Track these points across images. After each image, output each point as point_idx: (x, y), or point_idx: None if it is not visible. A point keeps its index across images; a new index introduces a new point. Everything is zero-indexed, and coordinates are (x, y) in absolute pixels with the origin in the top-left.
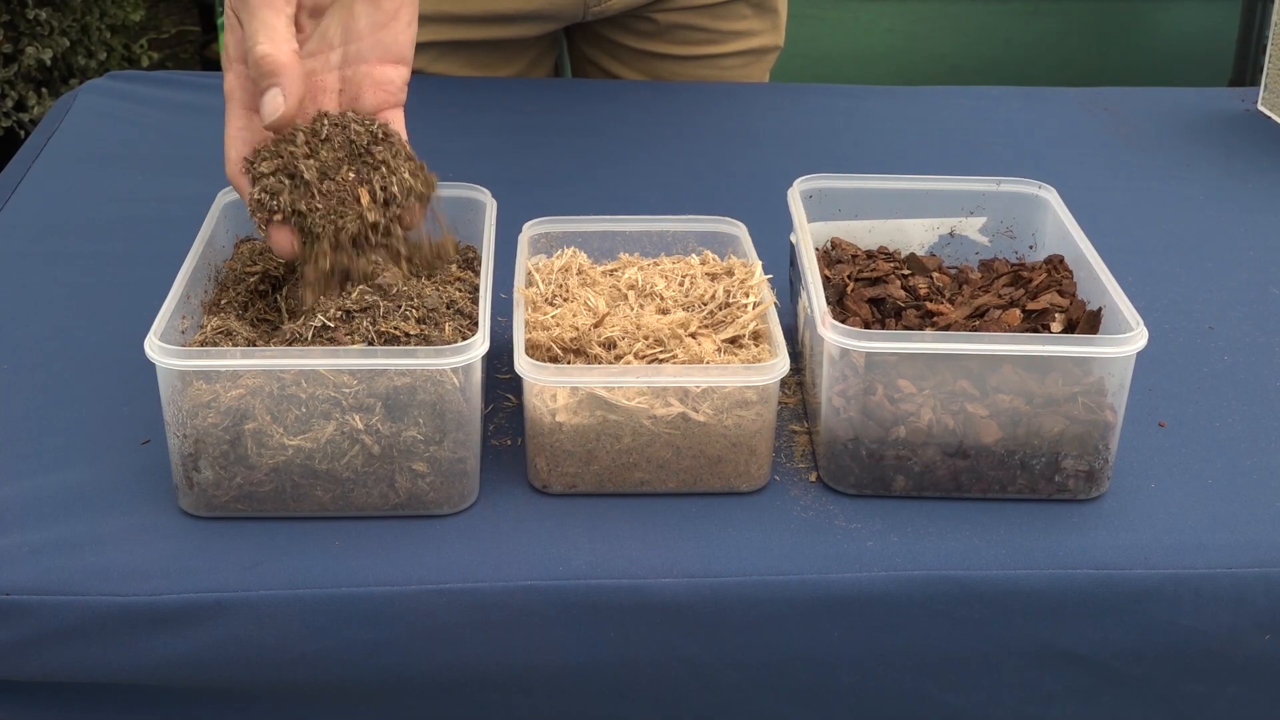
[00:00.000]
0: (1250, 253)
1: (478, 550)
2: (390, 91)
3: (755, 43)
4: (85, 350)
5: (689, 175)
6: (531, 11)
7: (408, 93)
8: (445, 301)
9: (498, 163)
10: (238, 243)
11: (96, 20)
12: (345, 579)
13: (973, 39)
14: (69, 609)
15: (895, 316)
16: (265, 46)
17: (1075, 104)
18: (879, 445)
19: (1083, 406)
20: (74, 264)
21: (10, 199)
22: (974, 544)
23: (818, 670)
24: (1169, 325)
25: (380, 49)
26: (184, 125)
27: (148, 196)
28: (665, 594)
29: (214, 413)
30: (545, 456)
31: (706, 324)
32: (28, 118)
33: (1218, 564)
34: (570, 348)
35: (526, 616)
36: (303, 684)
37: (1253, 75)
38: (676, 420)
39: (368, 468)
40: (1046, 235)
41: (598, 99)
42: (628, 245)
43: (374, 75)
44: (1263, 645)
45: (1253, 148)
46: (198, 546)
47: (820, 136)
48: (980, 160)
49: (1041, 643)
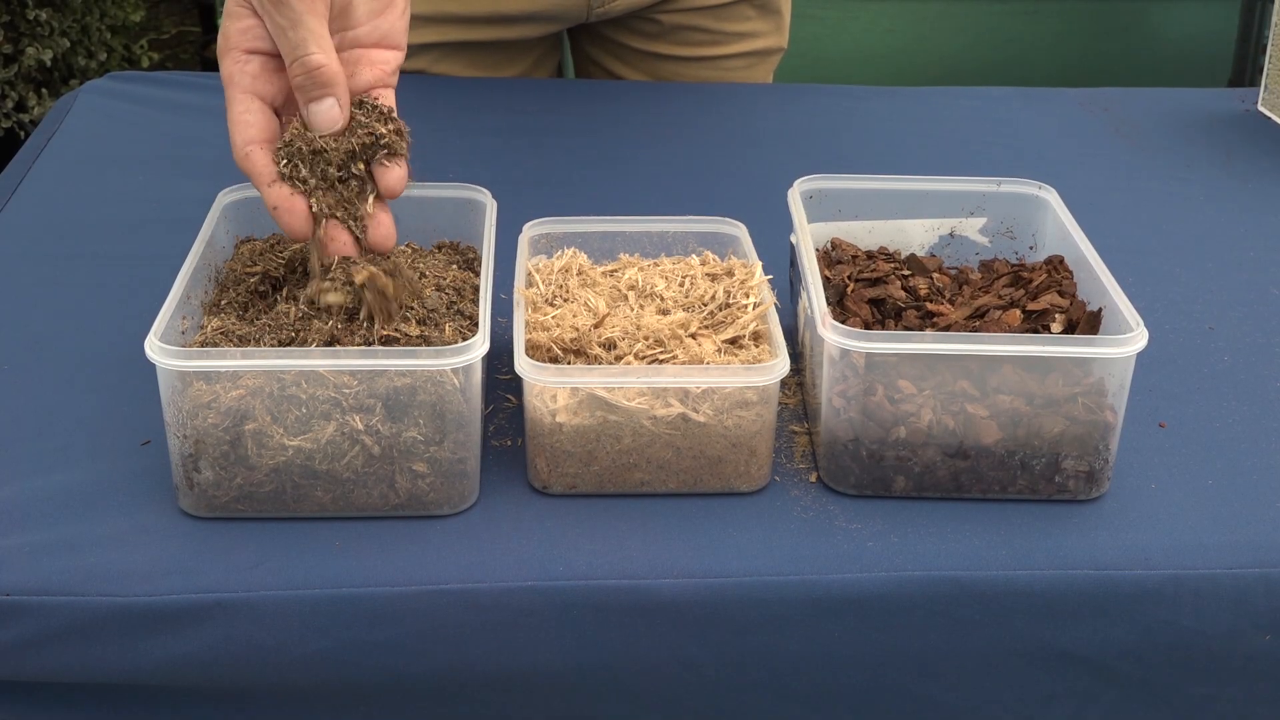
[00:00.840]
0: (1250, 253)
1: (478, 551)
2: (384, 71)
3: (759, 44)
4: (85, 350)
5: (689, 176)
6: (535, 12)
7: (411, 93)
8: (445, 302)
9: (498, 163)
10: (238, 243)
11: (97, 21)
12: (345, 579)
13: (973, 39)
14: (69, 609)
15: (895, 317)
16: (320, 57)
17: (1075, 104)
18: (879, 446)
19: (1083, 407)
20: (74, 264)
21: (10, 199)
22: (974, 544)
23: (818, 670)
24: (1169, 326)
25: (377, 34)
26: (184, 126)
27: (148, 197)
28: (665, 594)
29: (214, 413)
30: (545, 457)
31: (707, 324)
32: (28, 118)
33: (1218, 564)
34: (570, 348)
35: (527, 617)
36: (303, 684)
37: (1253, 75)
38: (677, 421)
39: (368, 468)
40: (1046, 236)
41: (598, 99)
42: (628, 246)
43: (370, 56)
44: (1263, 645)
45: (1253, 148)
46: (198, 547)
47: (820, 137)
48: (980, 160)
49: (1041, 643)
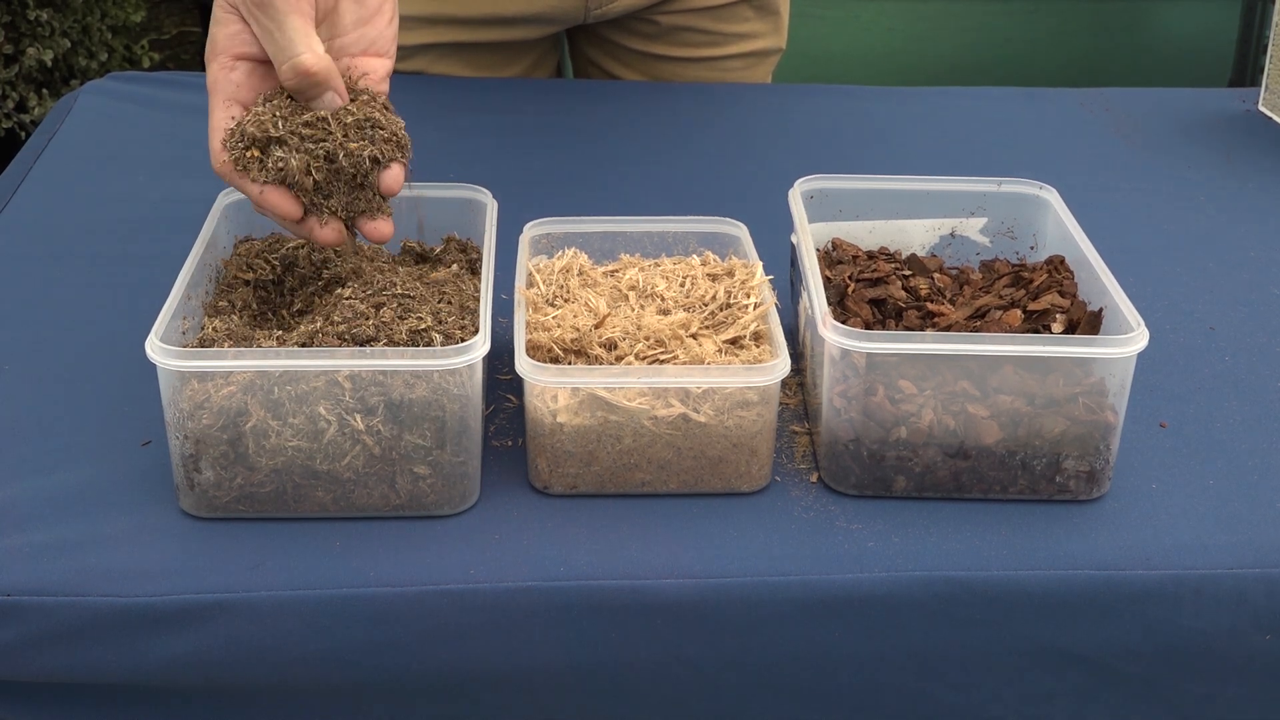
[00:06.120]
0: (1251, 253)
1: (478, 551)
2: (373, 80)
3: (757, 45)
4: (86, 351)
5: (690, 176)
6: (533, 14)
7: (411, 93)
8: (446, 302)
9: (498, 163)
10: (237, 243)
11: (97, 21)
12: (345, 579)
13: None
14: (69, 609)
15: (896, 317)
16: (309, 57)
17: (1075, 104)
18: (880, 446)
19: (1083, 407)
20: (75, 264)
21: (11, 200)
22: (975, 545)
23: (818, 670)
24: (1170, 326)
25: (364, 42)
26: (185, 126)
27: (148, 197)
28: (666, 594)
29: (214, 413)
30: (546, 457)
31: (707, 325)
32: (29, 119)
33: (1218, 564)
34: (571, 348)
35: (527, 617)
36: (303, 684)
37: (1253, 75)
38: (677, 421)
39: (368, 468)
40: (1047, 236)
41: (598, 100)
42: (628, 246)
43: (359, 65)
44: (1263, 645)
45: (1253, 148)
46: (198, 547)
47: (821, 137)
48: (980, 160)
49: (1042, 643)
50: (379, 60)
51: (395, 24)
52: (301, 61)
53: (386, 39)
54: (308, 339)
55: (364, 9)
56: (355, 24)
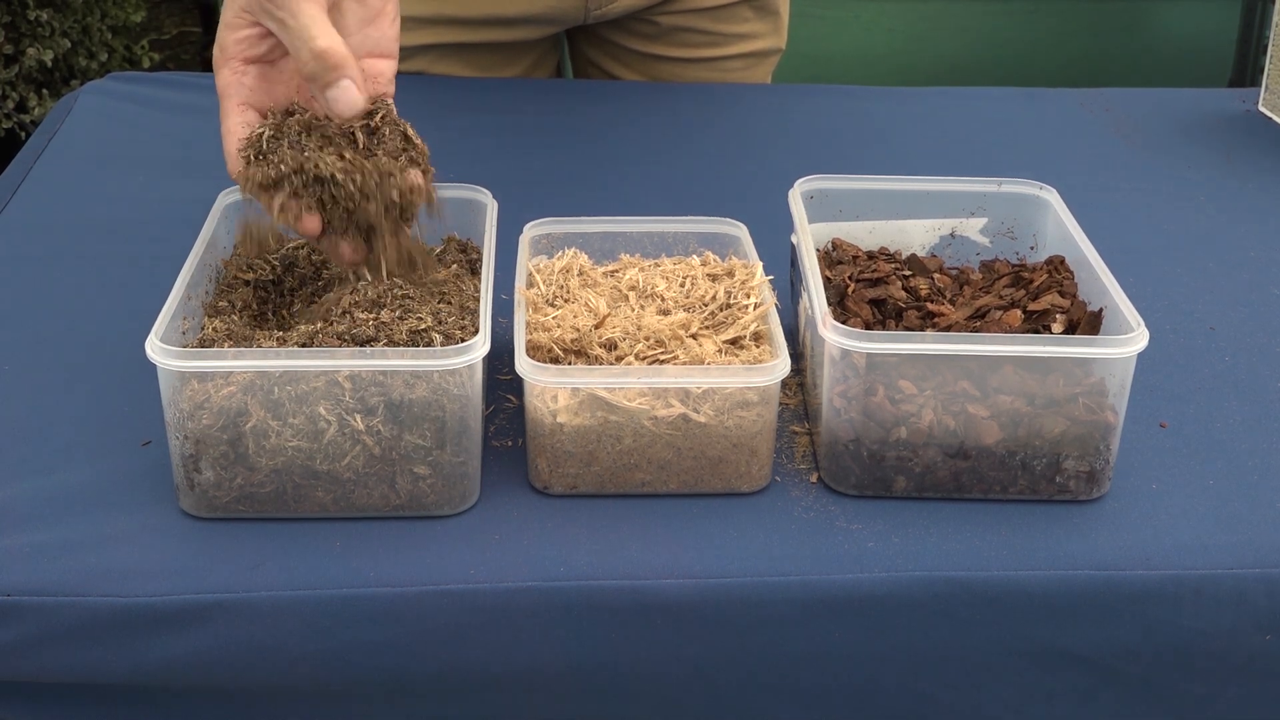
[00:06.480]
0: (1251, 253)
1: (478, 551)
2: (380, 83)
3: (757, 45)
4: (86, 351)
5: (690, 176)
6: (533, 15)
7: (411, 93)
8: (446, 302)
9: (498, 164)
10: (237, 243)
11: (97, 21)
12: (345, 580)
13: (973, 39)
14: (69, 609)
15: (896, 317)
16: (325, 40)
17: (1075, 104)
18: (880, 446)
19: (1084, 407)
20: (75, 265)
21: (11, 200)
22: (975, 545)
23: (818, 670)
24: (1170, 326)
25: (369, 44)
26: (185, 126)
27: (148, 197)
28: (666, 595)
29: (214, 414)
30: (546, 457)
31: (707, 325)
32: (29, 119)
33: (1218, 564)
34: (571, 349)
35: (527, 617)
36: (303, 684)
37: (1253, 75)
38: (677, 421)
39: (368, 469)
40: (1047, 236)
41: (598, 100)
42: (629, 246)
43: (364, 68)
44: (1263, 645)
45: (1253, 148)
46: (199, 547)
47: (821, 137)
48: (980, 160)
49: (1042, 643)
50: (385, 62)
51: (397, 25)
52: (317, 44)
53: (390, 40)
54: (308, 339)
55: (367, 10)
56: (359, 25)
